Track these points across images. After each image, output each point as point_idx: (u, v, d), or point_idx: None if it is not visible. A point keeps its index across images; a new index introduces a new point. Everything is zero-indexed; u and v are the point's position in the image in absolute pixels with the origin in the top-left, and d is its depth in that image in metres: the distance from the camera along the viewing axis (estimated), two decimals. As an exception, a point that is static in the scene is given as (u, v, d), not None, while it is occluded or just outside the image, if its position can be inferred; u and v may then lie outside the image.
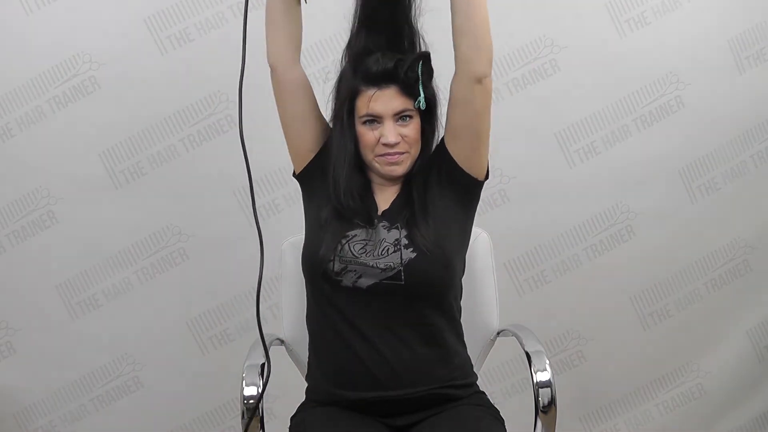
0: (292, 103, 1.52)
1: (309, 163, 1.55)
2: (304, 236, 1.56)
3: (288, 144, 1.57)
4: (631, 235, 2.46)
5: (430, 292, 1.47)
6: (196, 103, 2.28)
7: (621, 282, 2.49)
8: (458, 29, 1.41)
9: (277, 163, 2.27)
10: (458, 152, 1.49)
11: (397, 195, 1.54)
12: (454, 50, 1.44)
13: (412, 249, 1.44)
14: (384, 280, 1.44)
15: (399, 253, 1.44)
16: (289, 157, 1.58)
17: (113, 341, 2.36)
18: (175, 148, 2.29)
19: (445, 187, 1.51)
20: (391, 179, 1.53)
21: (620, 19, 2.36)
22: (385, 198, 1.54)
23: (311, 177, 1.55)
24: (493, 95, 2.30)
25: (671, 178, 2.45)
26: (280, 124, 1.56)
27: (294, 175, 1.60)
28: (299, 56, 1.52)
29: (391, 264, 1.44)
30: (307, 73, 1.52)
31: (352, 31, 1.52)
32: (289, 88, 1.51)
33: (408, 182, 1.54)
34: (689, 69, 2.40)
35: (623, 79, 2.39)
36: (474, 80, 1.42)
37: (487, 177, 1.54)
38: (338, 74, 1.53)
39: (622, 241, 2.46)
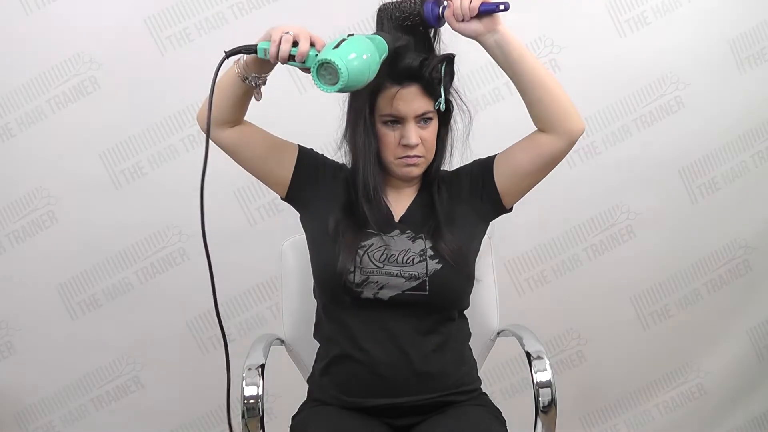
0: (248, 152, 1.49)
1: (291, 183, 1.52)
2: (309, 248, 1.54)
3: (263, 180, 1.54)
4: (631, 235, 2.46)
5: (451, 303, 1.49)
6: (195, 103, 2.24)
7: (621, 282, 2.49)
8: (544, 114, 1.43)
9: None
10: (508, 185, 1.50)
11: (414, 200, 1.53)
12: (542, 123, 1.44)
13: (437, 260, 1.44)
14: (407, 290, 1.43)
15: (425, 263, 1.44)
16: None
17: (113, 341, 2.36)
18: (175, 148, 2.29)
19: (476, 205, 1.52)
20: (407, 180, 1.52)
21: (620, 19, 2.36)
22: (399, 202, 1.53)
23: (299, 192, 1.53)
24: (493, 95, 2.34)
25: (671, 178, 2.45)
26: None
27: (283, 199, 1.56)
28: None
29: (416, 273, 1.43)
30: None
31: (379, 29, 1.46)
32: (234, 142, 1.47)
33: (425, 188, 1.53)
34: (689, 69, 2.40)
35: (623, 79, 2.39)
36: (571, 143, 1.44)
37: (511, 209, 1.56)
38: None
39: (622, 241, 2.46)
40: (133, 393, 2.39)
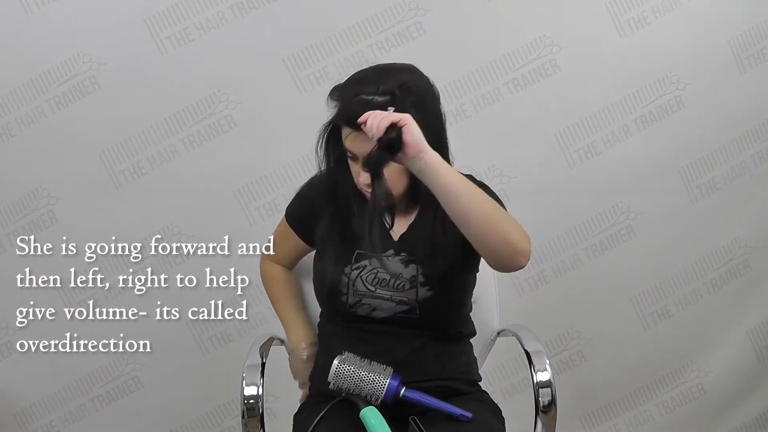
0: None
1: (306, 242, 1.59)
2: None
3: None
4: (631, 235, 2.46)
5: (444, 327, 1.50)
6: (196, 103, 2.28)
7: (621, 282, 2.49)
8: (482, 250, 1.33)
9: (277, 163, 2.28)
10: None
11: (416, 218, 1.49)
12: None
13: (428, 288, 1.44)
14: (398, 313, 1.44)
15: (415, 290, 1.44)
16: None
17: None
18: (175, 148, 2.29)
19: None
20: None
21: (620, 19, 2.36)
22: (402, 218, 1.49)
23: (313, 234, 1.56)
24: (493, 95, 2.34)
25: (671, 178, 2.45)
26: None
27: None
28: None
29: (406, 299, 1.44)
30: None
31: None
32: None
33: (428, 208, 1.47)
34: (689, 69, 2.40)
35: (623, 79, 2.39)
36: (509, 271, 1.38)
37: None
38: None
39: (622, 241, 2.46)
40: (133, 393, 2.39)
